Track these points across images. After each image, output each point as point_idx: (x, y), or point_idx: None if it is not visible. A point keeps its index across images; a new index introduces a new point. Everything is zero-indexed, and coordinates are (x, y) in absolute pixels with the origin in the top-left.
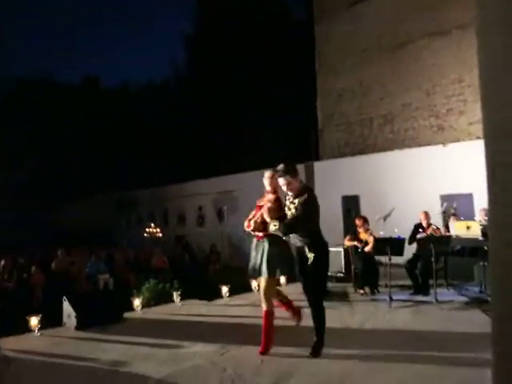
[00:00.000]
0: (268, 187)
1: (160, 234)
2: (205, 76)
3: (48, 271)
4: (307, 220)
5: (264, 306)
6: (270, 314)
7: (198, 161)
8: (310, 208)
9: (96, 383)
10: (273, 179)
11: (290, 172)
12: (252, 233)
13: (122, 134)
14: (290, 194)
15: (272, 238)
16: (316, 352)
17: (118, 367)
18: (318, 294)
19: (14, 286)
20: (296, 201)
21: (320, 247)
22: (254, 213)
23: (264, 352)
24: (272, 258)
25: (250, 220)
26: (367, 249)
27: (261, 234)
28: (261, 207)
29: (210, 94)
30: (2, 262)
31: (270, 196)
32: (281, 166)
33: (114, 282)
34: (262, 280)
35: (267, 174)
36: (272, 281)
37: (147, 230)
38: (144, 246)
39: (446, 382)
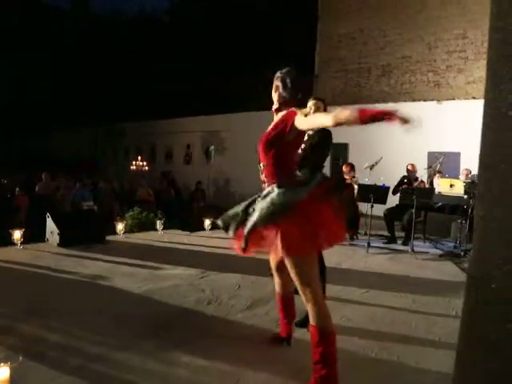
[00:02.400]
0: None
1: (146, 168)
2: (201, 12)
3: (31, 194)
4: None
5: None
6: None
7: (188, 98)
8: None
9: (77, 294)
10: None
11: (323, 103)
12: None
13: (111, 63)
14: None
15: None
16: (301, 323)
17: (98, 281)
18: None
19: None
20: (311, 132)
21: None
22: None
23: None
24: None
25: None
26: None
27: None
28: None
29: (205, 32)
30: None
31: None
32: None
33: (97, 210)
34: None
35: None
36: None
37: (134, 163)
38: (130, 177)
39: (416, 321)
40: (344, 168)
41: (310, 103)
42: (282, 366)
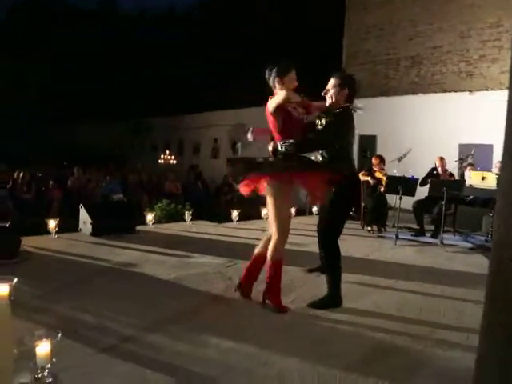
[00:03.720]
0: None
1: (174, 161)
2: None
3: (64, 188)
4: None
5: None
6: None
7: (215, 92)
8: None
9: (109, 279)
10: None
11: (345, 79)
12: None
13: (140, 59)
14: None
15: None
16: (316, 304)
17: (130, 268)
18: (328, 233)
19: (33, 198)
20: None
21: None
22: None
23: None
24: None
25: None
26: (381, 188)
27: None
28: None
29: (232, 26)
30: (21, 174)
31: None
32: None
33: (127, 202)
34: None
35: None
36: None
37: (162, 156)
38: (158, 171)
39: (444, 311)
40: (374, 160)
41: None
42: (311, 351)
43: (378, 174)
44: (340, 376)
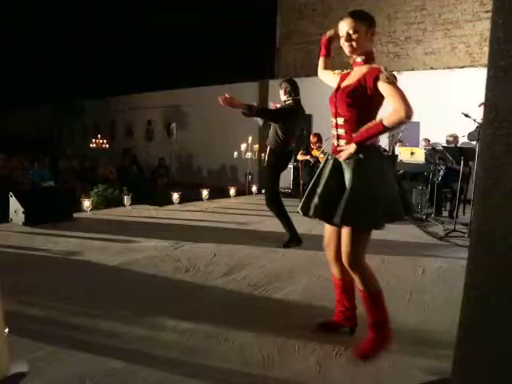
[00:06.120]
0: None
1: (107, 146)
2: None
3: None
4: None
5: (359, 284)
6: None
7: (147, 73)
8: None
9: (50, 270)
10: None
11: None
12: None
13: (69, 41)
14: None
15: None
16: (284, 246)
17: (72, 256)
18: (270, 194)
19: None
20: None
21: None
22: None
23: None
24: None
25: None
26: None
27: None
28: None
29: (164, 8)
30: None
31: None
32: None
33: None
34: (345, 232)
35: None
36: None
37: (94, 140)
38: (90, 156)
39: (386, 279)
40: (312, 138)
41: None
42: (268, 324)
43: (315, 153)
44: (299, 346)
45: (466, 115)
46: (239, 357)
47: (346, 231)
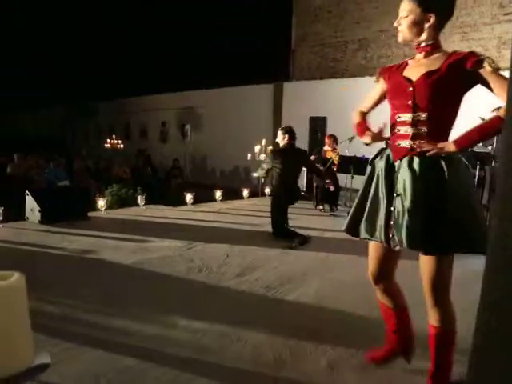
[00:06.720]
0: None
1: (121, 146)
2: None
3: (3, 175)
4: None
5: (436, 322)
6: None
7: (161, 75)
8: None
9: (65, 268)
10: None
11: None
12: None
13: (82, 42)
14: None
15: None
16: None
17: (87, 255)
18: (275, 222)
19: None
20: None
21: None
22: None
23: None
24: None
25: None
26: (334, 168)
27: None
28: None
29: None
30: None
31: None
32: None
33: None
34: (426, 260)
35: None
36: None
37: (108, 141)
38: (104, 156)
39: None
40: (327, 139)
41: None
42: (280, 325)
43: (329, 154)
44: (311, 348)
45: (483, 120)
46: (251, 357)
47: (431, 258)
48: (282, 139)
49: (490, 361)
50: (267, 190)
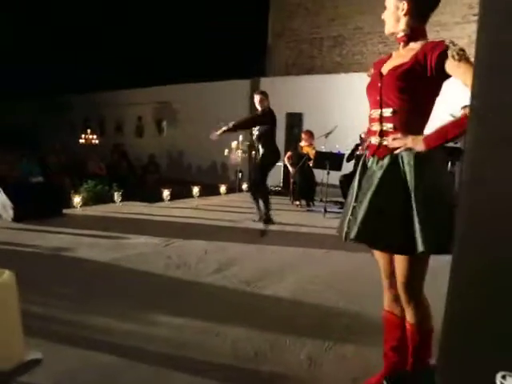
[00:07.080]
0: None
1: (96, 141)
2: None
3: None
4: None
5: (411, 318)
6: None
7: (137, 69)
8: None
9: (41, 266)
10: None
11: None
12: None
13: (57, 34)
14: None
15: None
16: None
17: (63, 253)
18: (260, 182)
19: None
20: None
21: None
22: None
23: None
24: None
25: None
26: (310, 163)
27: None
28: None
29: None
30: None
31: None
32: None
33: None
34: (398, 259)
35: None
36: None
37: (83, 136)
38: (79, 151)
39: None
40: (303, 135)
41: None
42: (259, 319)
43: (305, 149)
44: (290, 341)
45: (454, 117)
46: (231, 351)
47: (404, 257)
48: (263, 101)
49: (455, 344)
50: (244, 186)
